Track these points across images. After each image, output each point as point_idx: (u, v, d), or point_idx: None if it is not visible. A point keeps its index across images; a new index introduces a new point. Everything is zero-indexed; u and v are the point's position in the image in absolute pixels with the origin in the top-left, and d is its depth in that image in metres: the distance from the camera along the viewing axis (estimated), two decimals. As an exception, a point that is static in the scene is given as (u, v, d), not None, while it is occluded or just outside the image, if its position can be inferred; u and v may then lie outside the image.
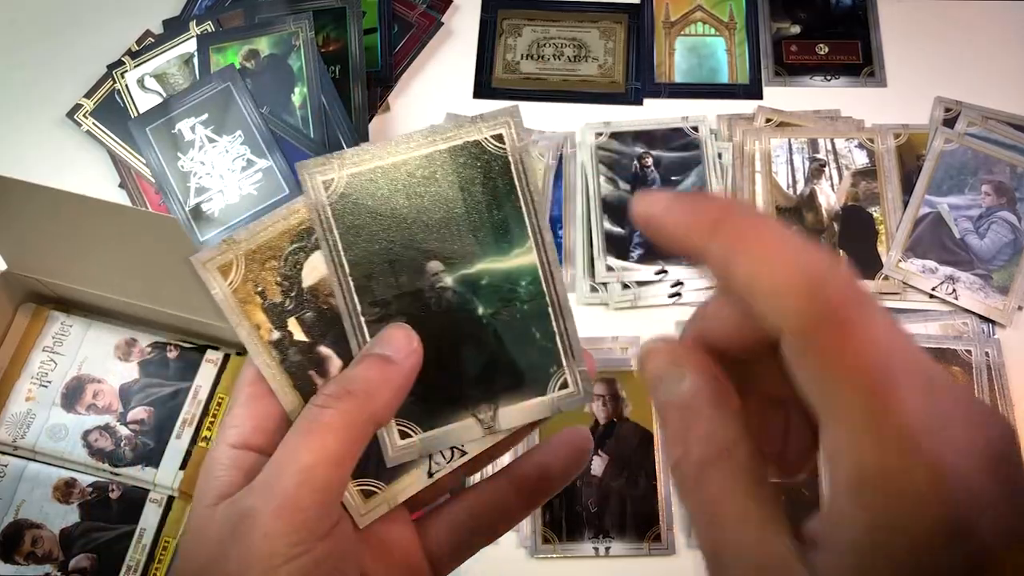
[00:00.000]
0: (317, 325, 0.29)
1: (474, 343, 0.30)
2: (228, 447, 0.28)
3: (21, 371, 0.59)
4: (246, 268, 0.29)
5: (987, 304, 0.64)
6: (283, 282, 0.29)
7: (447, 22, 0.79)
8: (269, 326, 0.29)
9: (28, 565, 0.54)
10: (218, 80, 0.71)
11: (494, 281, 0.30)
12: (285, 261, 0.29)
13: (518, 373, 0.30)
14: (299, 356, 0.29)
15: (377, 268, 0.29)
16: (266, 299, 0.29)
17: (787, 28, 0.78)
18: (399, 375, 0.28)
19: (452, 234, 0.29)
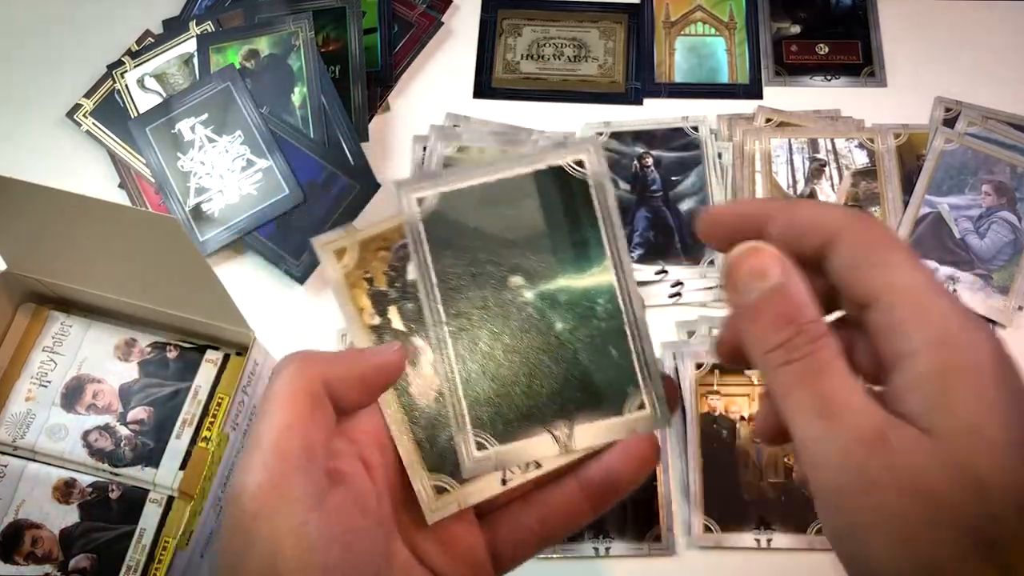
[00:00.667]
0: (415, 317, 0.31)
1: (552, 359, 0.31)
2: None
3: (21, 371, 0.59)
4: (359, 254, 0.31)
5: (987, 304, 0.64)
6: (390, 272, 0.31)
7: (447, 22, 0.79)
8: (372, 311, 0.31)
9: (28, 565, 0.54)
10: (218, 80, 0.71)
11: (572, 298, 0.31)
12: (395, 253, 0.31)
13: (595, 392, 0.31)
14: None
15: (462, 281, 0.31)
16: (372, 285, 0.31)
17: (787, 28, 0.78)
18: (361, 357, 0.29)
19: (534, 251, 0.31)
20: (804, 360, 0.26)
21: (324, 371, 0.28)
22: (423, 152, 0.72)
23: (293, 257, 0.67)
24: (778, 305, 0.26)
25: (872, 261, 0.26)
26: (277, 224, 0.67)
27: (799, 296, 0.27)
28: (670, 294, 0.66)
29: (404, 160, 0.72)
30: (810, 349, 0.26)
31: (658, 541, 0.58)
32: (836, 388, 0.25)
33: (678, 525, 0.59)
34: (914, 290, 0.25)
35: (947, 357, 0.24)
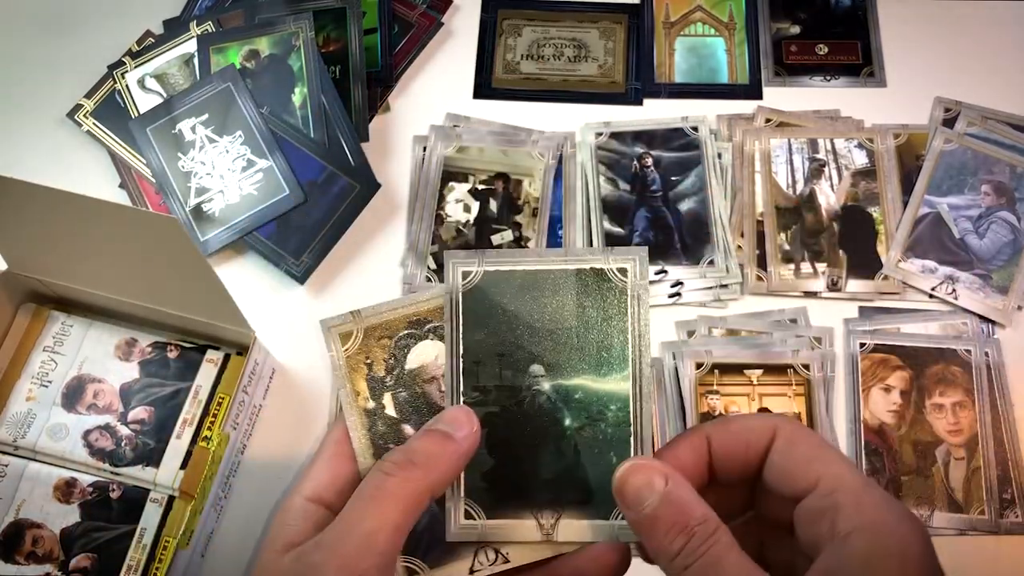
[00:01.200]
0: (407, 406, 0.33)
1: (554, 450, 0.32)
2: (303, 499, 0.31)
3: (21, 371, 0.59)
4: (363, 340, 0.33)
5: (987, 304, 0.65)
6: (389, 360, 0.33)
7: (447, 22, 0.79)
8: (367, 395, 0.32)
9: (28, 565, 0.54)
10: (218, 80, 0.71)
11: (586, 398, 0.32)
12: (396, 343, 0.33)
13: (587, 492, 0.32)
14: (385, 428, 0.32)
15: (487, 357, 0.32)
16: (371, 371, 0.33)
17: (787, 28, 0.78)
18: (457, 452, 0.31)
19: (560, 345, 0.32)
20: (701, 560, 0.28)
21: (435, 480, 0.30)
22: (423, 152, 0.72)
23: (293, 257, 0.67)
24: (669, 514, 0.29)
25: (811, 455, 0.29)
26: (277, 224, 0.68)
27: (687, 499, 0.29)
28: (670, 294, 0.66)
29: (404, 160, 0.72)
30: (703, 549, 0.28)
31: None
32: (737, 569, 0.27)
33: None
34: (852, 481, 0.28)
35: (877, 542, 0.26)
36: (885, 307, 0.66)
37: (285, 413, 0.63)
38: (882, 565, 0.26)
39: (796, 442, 0.30)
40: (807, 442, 0.30)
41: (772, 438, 0.31)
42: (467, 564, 0.32)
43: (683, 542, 0.28)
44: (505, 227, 0.69)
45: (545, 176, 0.70)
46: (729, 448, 0.31)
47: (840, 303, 0.66)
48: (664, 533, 0.29)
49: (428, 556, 0.31)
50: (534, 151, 0.71)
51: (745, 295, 0.66)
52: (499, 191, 0.70)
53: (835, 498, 0.28)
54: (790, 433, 0.30)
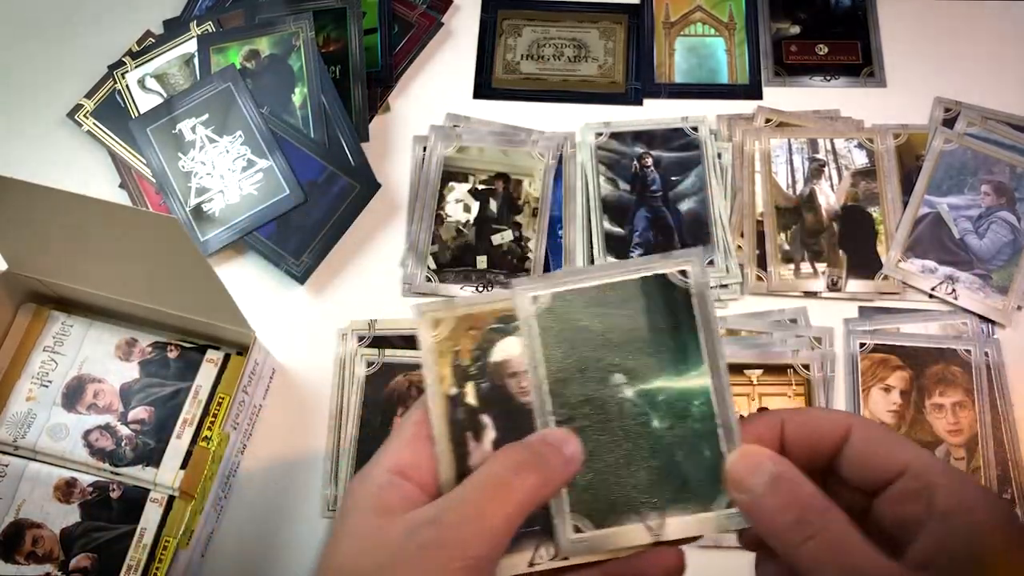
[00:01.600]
0: (488, 397, 0.34)
1: (649, 453, 0.33)
2: (385, 470, 0.32)
3: (22, 371, 0.59)
4: (452, 328, 0.34)
5: (987, 304, 0.65)
6: (475, 350, 0.34)
7: (447, 22, 0.79)
8: (451, 382, 0.34)
9: (28, 565, 0.54)
10: (219, 80, 0.71)
11: (669, 398, 0.33)
12: (484, 335, 0.34)
13: (688, 487, 0.33)
14: (464, 416, 0.33)
15: (569, 375, 0.33)
16: (457, 359, 0.34)
17: (787, 28, 0.78)
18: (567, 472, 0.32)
19: (636, 352, 0.33)
20: (822, 534, 0.29)
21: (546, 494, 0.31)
22: (423, 152, 0.72)
23: (294, 257, 0.67)
24: (782, 493, 0.30)
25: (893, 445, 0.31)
26: (278, 224, 0.68)
27: (797, 479, 0.30)
28: (670, 294, 0.66)
29: (404, 160, 0.72)
30: (823, 523, 0.29)
31: None
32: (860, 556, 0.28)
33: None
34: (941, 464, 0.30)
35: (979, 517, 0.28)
36: (885, 307, 0.66)
37: (285, 413, 0.63)
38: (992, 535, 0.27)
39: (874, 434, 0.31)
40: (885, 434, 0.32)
41: (847, 431, 0.32)
42: (527, 557, 0.33)
43: (798, 514, 0.29)
44: (505, 227, 0.69)
45: (545, 176, 0.70)
46: (803, 435, 0.32)
47: (840, 303, 0.66)
48: (779, 511, 0.30)
49: None
50: (534, 151, 0.71)
51: (745, 295, 0.66)
52: (499, 191, 0.70)
53: (928, 479, 0.29)
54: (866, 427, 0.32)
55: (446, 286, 0.66)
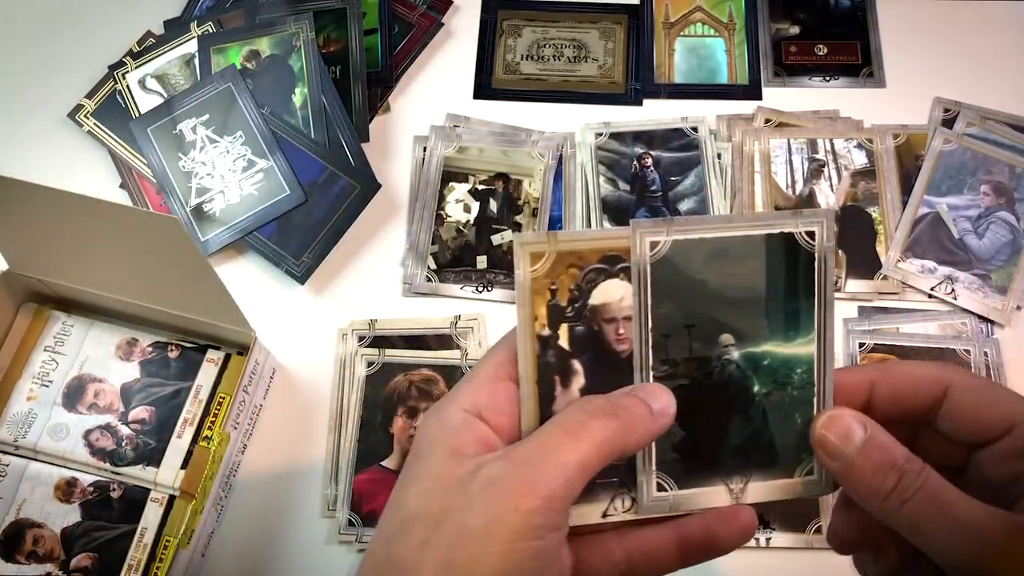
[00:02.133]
0: (582, 341, 0.32)
1: (743, 417, 0.32)
2: (461, 409, 0.30)
3: (22, 371, 0.59)
4: (552, 264, 0.31)
5: (986, 304, 0.65)
6: (574, 290, 0.32)
7: (447, 22, 0.79)
8: (544, 321, 0.31)
9: (29, 564, 0.54)
10: (219, 81, 0.71)
11: (774, 364, 0.32)
12: (584, 274, 0.32)
13: (774, 453, 0.32)
14: (554, 359, 0.31)
15: (675, 330, 0.32)
16: (554, 298, 0.31)
17: (786, 29, 0.78)
18: (653, 427, 0.31)
19: (748, 313, 0.32)
20: (919, 494, 0.29)
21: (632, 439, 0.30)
22: (423, 152, 0.72)
23: (294, 257, 0.67)
24: (874, 457, 0.30)
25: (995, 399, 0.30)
26: (278, 224, 0.68)
27: (888, 442, 0.30)
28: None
29: (405, 160, 0.72)
30: (919, 483, 0.29)
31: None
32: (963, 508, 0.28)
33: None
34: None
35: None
36: (884, 307, 0.66)
37: (285, 413, 0.63)
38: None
39: (976, 390, 0.31)
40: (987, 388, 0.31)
41: (945, 389, 0.31)
42: (601, 508, 0.32)
43: (895, 478, 0.29)
44: (505, 227, 0.69)
45: (545, 176, 0.70)
46: (895, 395, 0.32)
47: (839, 303, 0.66)
48: (873, 474, 0.29)
49: None
50: (534, 151, 0.71)
51: (745, 295, 0.66)
52: (499, 191, 0.70)
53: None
54: (966, 383, 0.31)
55: (446, 286, 0.67)
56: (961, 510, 0.28)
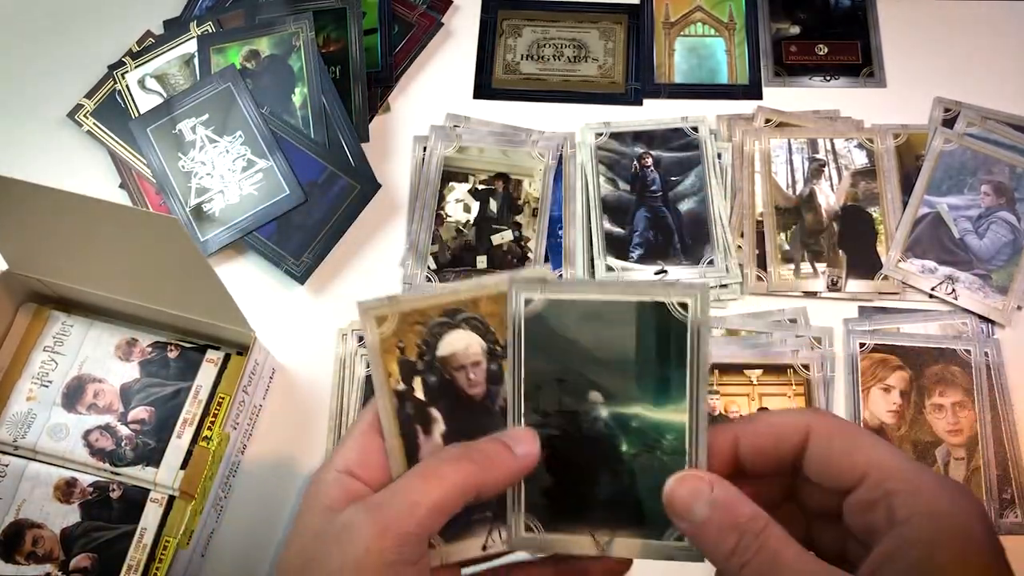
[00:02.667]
0: (435, 391, 0.34)
1: (611, 473, 0.33)
2: (336, 471, 0.32)
3: (22, 371, 0.59)
4: (397, 324, 0.34)
5: (986, 304, 0.65)
6: (421, 345, 0.34)
7: (447, 22, 0.79)
8: (398, 377, 0.34)
9: (29, 565, 0.54)
10: (219, 80, 0.71)
11: (643, 427, 0.33)
12: (430, 329, 0.34)
13: (641, 513, 0.33)
14: (413, 410, 0.34)
15: (547, 383, 0.33)
16: (403, 354, 0.34)
17: (787, 28, 0.78)
18: (513, 465, 0.32)
19: (618, 374, 0.33)
20: (756, 557, 0.28)
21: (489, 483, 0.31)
22: (423, 152, 0.72)
23: (294, 257, 0.67)
24: (719, 516, 0.30)
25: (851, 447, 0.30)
26: (278, 224, 0.68)
27: (733, 500, 0.30)
28: (670, 294, 0.66)
29: (404, 160, 0.72)
30: (757, 544, 0.28)
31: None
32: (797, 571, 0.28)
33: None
34: (903, 468, 0.28)
35: (938, 525, 0.27)
36: (885, 307, 0.66)
37: (285, 413, 0.63)
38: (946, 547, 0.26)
39: (833, 436, 0.30)
40: (845, 434, 0.30)
41: (805, 435, 0.31)
42: (480, 541, 0.33)
43: (736, 539, 0.29)
44: (505, 227, 0.69)
45: (545, 176, 0.70)
46: (759, 448, 0.32)
47: (840, 303, 0.66)
48: (717, 535, 0.29)
49: (445, 531, 0.32)
50: (534, 151, 0.71)
51: (745, 295, 0.66)
52: (499, 191, 0.70)
53: (888, 487, 0.28)
54: (825, 428, 0.30)
55: (447, 285, 0.66)
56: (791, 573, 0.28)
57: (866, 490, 0.29)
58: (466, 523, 0.33)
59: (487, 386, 0.34)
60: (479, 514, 0.33)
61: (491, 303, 0.34)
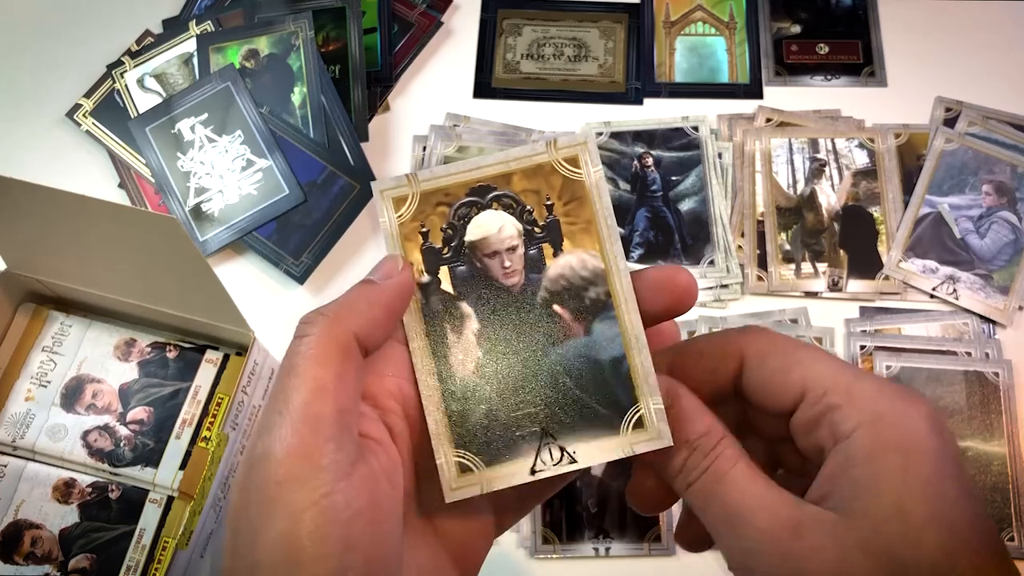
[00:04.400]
0: (466, 282, 0.30)
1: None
2: None
3: (20, 371, 0.59)
4: (418, 206, 0.30)
5: (988, 304, 0.64)
6: (447, 229, 0.30)
7: (447, 22, 0.79)
8: (422, 267, 0.30)
9: (27, 565, 0.54)
10: (218, 80, 0.71)
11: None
12: (455, 211, 0.30)
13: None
14: (440, 305, 0.29)
15: None
16: (427, 241, 0.30)
17: (787, 28, 0.78)
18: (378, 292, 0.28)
19: None
20: (704, 476, 0.26)
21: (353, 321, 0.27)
22: (423, 152, 0.72)
23: (293, 257, 0.67)
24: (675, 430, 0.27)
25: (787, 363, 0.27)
26: (277, 224, 0.67)
27: (687, 415, 0.27)
28: (670, 294, 0.66)
29: (404, 160, 0.72)
30: (706, 463, 0.26)
31: (658, 541, 0.58)
32: (741, 494, 0.25)
33: (678, 525, 0.59)
34: (840, 377, 0.26)
35: (878, 437, 0.24)
36: (886, 307, 0.66)
37: (285, 413, 0.63)
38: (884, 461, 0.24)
39: (767, 355, 0.27)
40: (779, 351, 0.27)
41: (740, 360, 0.28)
42: (528, 463, 0.29)
43: (685, 455, 0.27)
44: (505, 227, 0.68)
45: (545, 176, 0.70)
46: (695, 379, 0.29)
47: (841, 303, 0.66)
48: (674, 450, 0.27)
49: (486, 451, 0.29)
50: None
51: (746, 295, 0.66)
52: (499, 191, 0.70)
53: (827, 401, 0.26)
54: (758, 348, 0.28)
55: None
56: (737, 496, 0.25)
57: (807, 407, 0.26)
58: (509, 441, 0.29)
59: (525, 275, 0.30)
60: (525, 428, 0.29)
61: (526, 178, 0.30)
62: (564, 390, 0.29)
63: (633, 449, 0.28)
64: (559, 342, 0.29)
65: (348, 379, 0.26)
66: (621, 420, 0.29)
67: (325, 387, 0.25)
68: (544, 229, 0.30)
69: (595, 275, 0.30)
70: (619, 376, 0.29)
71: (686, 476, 0.27)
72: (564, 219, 0.30)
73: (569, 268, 0.30)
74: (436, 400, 0.29)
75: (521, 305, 0.30)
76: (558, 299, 0.30)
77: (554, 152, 0.30)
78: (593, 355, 0.29)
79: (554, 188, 0.30)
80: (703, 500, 0.26)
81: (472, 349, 0.29)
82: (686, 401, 0.28)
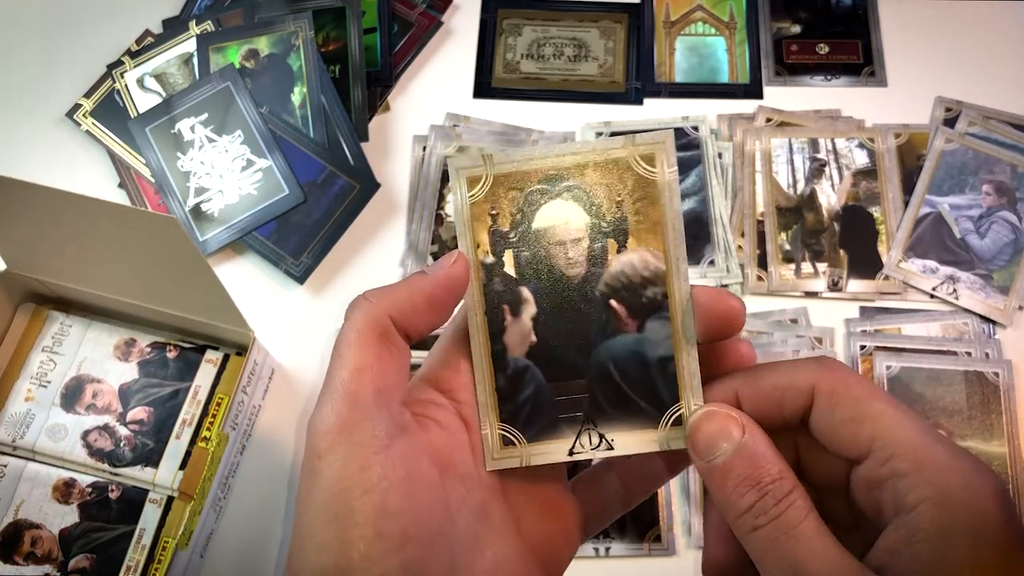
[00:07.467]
0: (528, 266, 0.31)
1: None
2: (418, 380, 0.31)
3: (20, 371, 0.59)
4: (491, 188, 0.30)
5: (988, 304, 0.64)
6: (516, 214, 0.30)
7: (447, 22, 0.78)
8: (488, 248, 0.31)
9: (27, 565, 0.54)
10: (218, 80, 0.71)
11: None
12: (526, 197, 0.30)
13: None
14: (501, 287, 0.31)
15: None
16: (495, 223, 0.30)
17: (787, 27, 0.78)
18: (422, 281, 0.29)
19: None
20: (772, 524, 0.26)
21: (390, 305, 0.28)
22: (423, 152, 0.72)
23: (293, 257, 0.67)
24: (741, 467, 0.27)
25: (858, 413, 0.26)
26: (277, 224, 0.67)
27: (762, 455, 0.27)
28: (670, 294, 0.66)
29: (404, 160, 0.72)
30: (777, 511, 0.26)
31: (658, 541, 0.58)
32: (809, 552, 0.25)
33: (678, 525, 0.59)
34: (909, 442, 0.25)
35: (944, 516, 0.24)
36: (886, 307, 0.66)
37: (284, 413, 0.63)
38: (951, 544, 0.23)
39: (838, 400, 0.27)
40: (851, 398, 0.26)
41: (810, 396, 0.27)
42: (567, 444, 0.30)
43: (754, 498, 0.26)
44: (505, 227, 0.68)
45: (545, 176, 0.70)
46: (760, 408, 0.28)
47: (841, 303, 0.66)
48: (734, 487, 0.27)
49: (529, 428, 0.30)
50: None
51: (746, 295, 0.66)
52: (499, 191, 0.70)
53: (894, 466, 0.25)
54: (830, 388, 0.27)
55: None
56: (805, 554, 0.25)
57: (872, 466, 0.26)
58: (552, 422, 0.30)
59: (588, 267, 0.30)
60: (568, 412, 0.30)
61: (600, 171, 0.30)
62: (610, 381, 0.30)
63: (670, 444, 0.30)
64: (611, 336, 0.30)
65: (386, 360, 0.27)
66: (661, 416, 0.30)
67: (363, 368, 0.27)
68: (611, 225, 0.31)
69: (655, 275, 0.30)
70: (665, 375, 0.30)
71: (752, 519, 0.26)
72: (632, 217, 0.31)
73: (631, 266, 0.31)
74: (487, 374, 0.31)
75: (579, 296, 0.31)
76: (616, 294, 0.30)
77: (632, 148, 0.30)
78: (642, 352, 0.30)
79: (626, 185, 0.31)
80: (764, 547, 0.26)
81: (527, 332, 0.31)
82: (761, 443, 0.27)
